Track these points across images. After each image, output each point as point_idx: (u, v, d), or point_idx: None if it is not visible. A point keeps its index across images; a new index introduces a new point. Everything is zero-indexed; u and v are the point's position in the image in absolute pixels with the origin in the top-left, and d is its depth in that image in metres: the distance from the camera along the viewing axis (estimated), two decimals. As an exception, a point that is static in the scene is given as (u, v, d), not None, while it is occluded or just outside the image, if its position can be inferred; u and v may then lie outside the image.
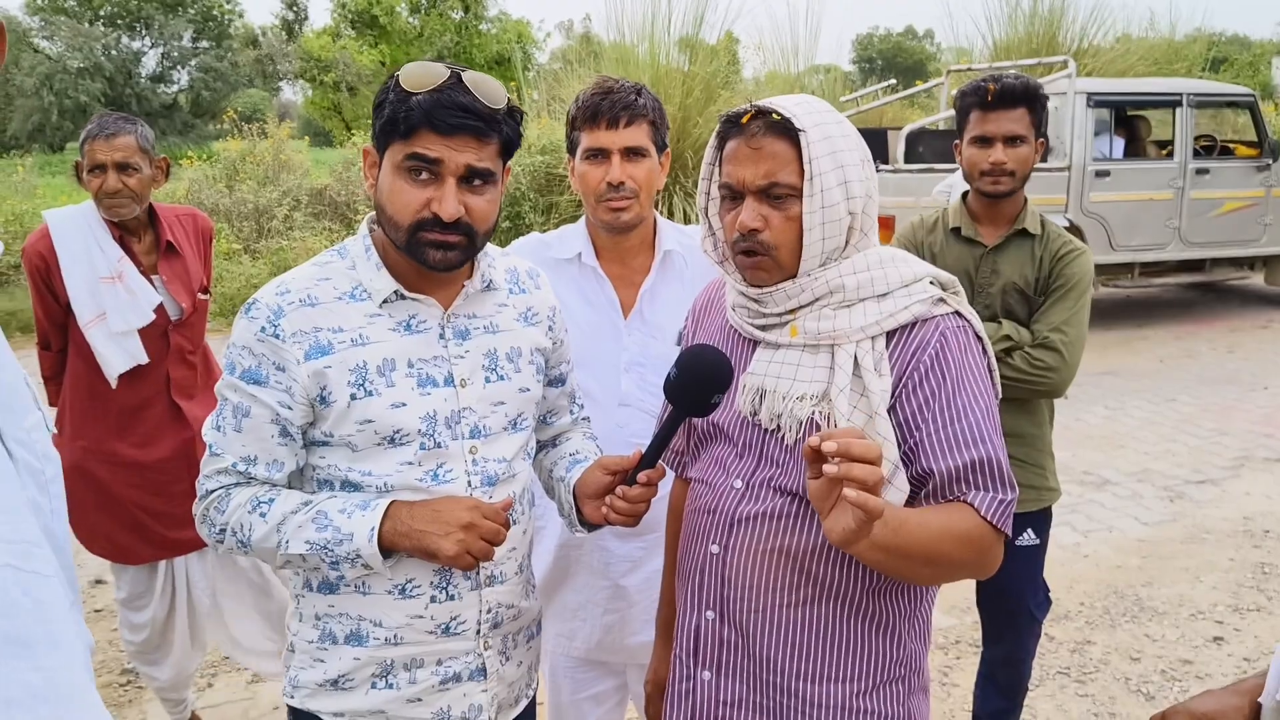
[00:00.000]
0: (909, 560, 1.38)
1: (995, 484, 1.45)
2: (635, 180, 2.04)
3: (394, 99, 1.46)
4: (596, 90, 2.05)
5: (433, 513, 1.49)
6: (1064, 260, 2.58)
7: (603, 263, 2.15)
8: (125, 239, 2.89)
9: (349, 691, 1.59)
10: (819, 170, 1.46)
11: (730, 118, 1.53)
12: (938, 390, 1.46)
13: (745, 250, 1.52)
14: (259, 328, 1.50)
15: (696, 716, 1.64)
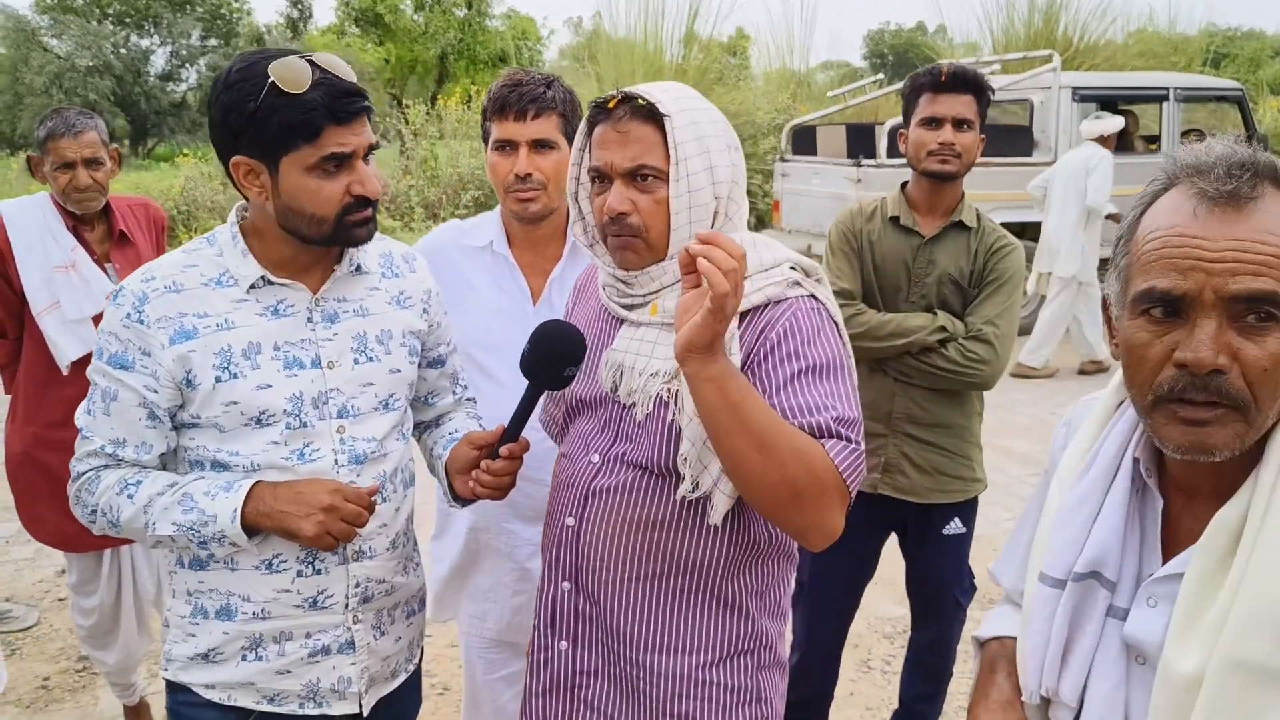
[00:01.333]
0: (742, 427, 1.35)
1: (842, 439, 1.43)
2: (542, 172, 2.08)
3: (280, 104, 1.47)
4: (506, 82, 2.10)
5: (295, 494, 1.54)
6: (998, 254, 2.60)
7: (515, 250, 2.20)
8: (79, 228, 2.96)
9: (220, 664, 1.65)
10: (684, 155, 1.50)
11: (599, 104, 1.57)
12: (783, 364, 1.49)
13: (615, 233, 1.56)
14: (125, 314, 1.55)
15: (554, 685, 1.69)
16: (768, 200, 11.62)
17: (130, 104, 30.18)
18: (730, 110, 12.43)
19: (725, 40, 17.53)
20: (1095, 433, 1.27)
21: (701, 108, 1.57)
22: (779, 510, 1.41)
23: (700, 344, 1.33)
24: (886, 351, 2.59)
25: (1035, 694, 1.23)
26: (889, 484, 2.69)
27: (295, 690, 1.66)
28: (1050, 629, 1.21)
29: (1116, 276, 1.17)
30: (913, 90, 2.65)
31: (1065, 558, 1.21)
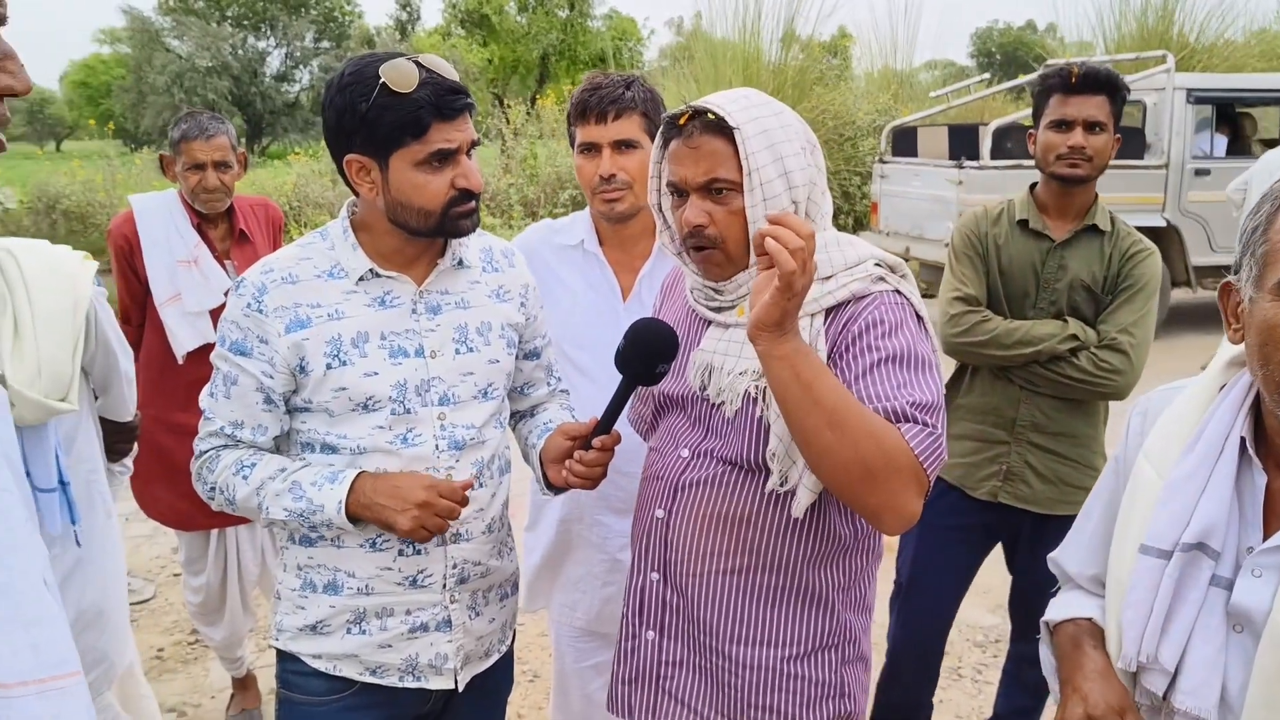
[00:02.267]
0: (815, 405, 1.38)
1: (919, 423, 1.44)
2: (627, 171, 2.12)
3: (390, 103, 1.56)
4: (586, 86, 2.15)
5: (393, 488, 1.62)
6: (1134, 259, 2.51)
7: (605, 249, 2.26)
8: (203, 225, 3.11)
9: (326, 636, 1.74)
10: (757, 164, 1.53)
11: (670, 119, 1.61)
12: (863, 355, 1.51)
13: (695, 246, 1.60)
14: (245, 304, 1.65)
15: (640, 674, 1.73)
16: (865, 202, 11.50)
17: (246, 103, 31.33)
18: (829, 111, 12.34)
19: (826, 40, 17.36)
20: (1196, 415, 1.33)
21: (772, 113, 1.59)
22: (852, 489, 1.42)
23: (770, 321, 1.36)
24: (1013, 360, 2.51)
25: (1133, 660, 1.28)
26: (1010, 492, 2.63)
27: (395, 664, 1.74)
28: (1154, 598, 1.26)
29: (1252, 262, 1.23)
30: (1042, 91, 2.57)
31: (1171, 530, 1.26)
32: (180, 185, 3.08)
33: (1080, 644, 1.39)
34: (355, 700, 1.75)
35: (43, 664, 1.01)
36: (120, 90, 31.97)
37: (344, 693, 1.75)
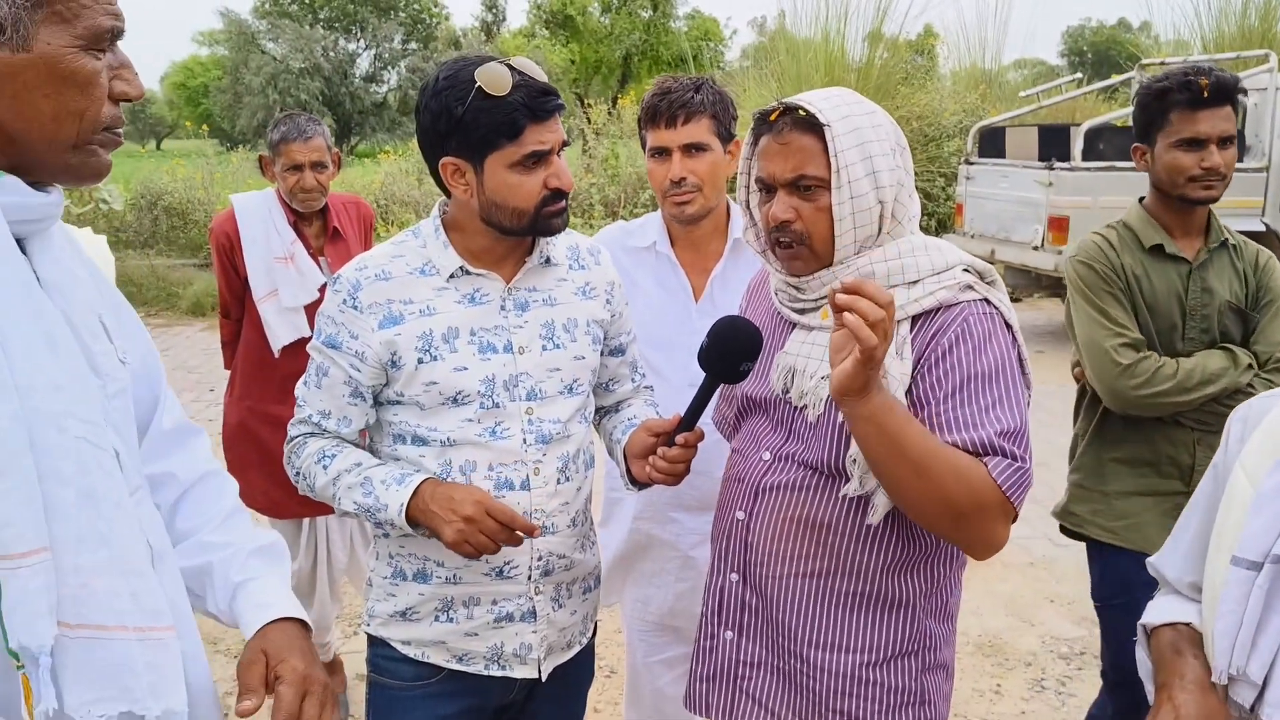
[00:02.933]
0: (901, 457, 1.42)
1: (1007, 456, 1.46)
2: (697, 174, 2.15)
3: (486, 106, 1.60)
4: (656, 91, 2.19)
5: (447, 498, 1.66)
6: (1266, 269, 2.37)
7: (677, 250, 2.29)
8: (299, 223, 3.22)
9: (415, 623, 1.79)
10: (845, 162, 1.54)
11: (761, 115, 1.62)
12: (951, 372, 1.51)
13: (780, 241, 1.61)
14: (341, 299, 1.72)
15: (718, 673, 1.75)
16: (950, 204, 11.31)
17: (336, 104, 32.06)
18: (915, 111, 12.17)
19: (913, 39, 17.11)
20: None
21: (864, 112, 1.59)
22: (940, 527, 1.49)
23: (854, 389, 1.39)
24: (1194, 403, 2.29)
25: (1224, 674, 1.26)
26: None
27: (481, 652, 1.79)
28: (1243, 610, 1.24)
29: None
30: (1159, 105, 2.32)
31: (1262, 541, 1.24)
32: (278, 185, 3.19)
33: (1181, 651, 1.37)
34: (442, 686, 1.80)
35: (143, 612, 1.11)
36: (217, 91, 33.05)
37: (431, 679, 1.80)
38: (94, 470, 1.08)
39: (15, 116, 1.08)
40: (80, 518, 1.06)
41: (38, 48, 1.06)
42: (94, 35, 1.10)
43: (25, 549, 1.01)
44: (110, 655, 1.08)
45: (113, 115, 1.14)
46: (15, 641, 1.01)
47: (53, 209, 1.16)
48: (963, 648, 3.80)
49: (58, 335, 1.09)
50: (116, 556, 1.09)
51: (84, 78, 1.10)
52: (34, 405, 1.04)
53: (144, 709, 1.09)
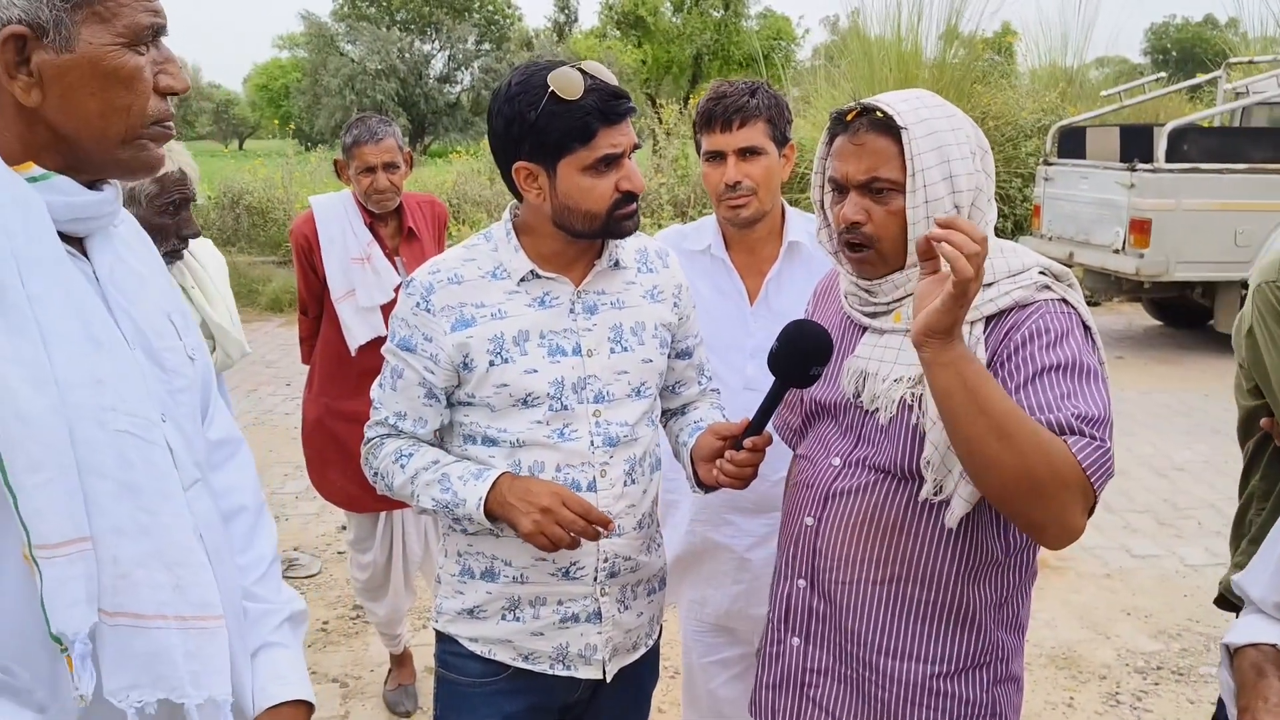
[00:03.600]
0: (980, 413, 1.35)
1: (1087, 436, 1.39)
2: (752, 178, 2.15)
3: (559, 111, 1.61)
4: (711, 95, 2.18)
5: (525, 490, 1.68)
6: None
7: (732, 253, 2.28)
8: (374, 224, 3.28)
9: (482, 620, 1.82)
10: (921, 166, 1.51)
11: (838, 115, 1.61)
12: (1025, 365, 1.47)
13: (850, 243, 1.60)
14: (414, 303, 1.74)
15: (784, 680, 1.74)
16: (1027, 205, 11.08)
17: (411, 104, 32.56)
18: (991, 111, 11.94)
19: (990, 36, 16.79)
20: None
21: (944, 115, 1.57)
22: (1017, 502, 1.39)
23: (940, 328, 1.34)
24: None
25: None
26: None
27: (546, 651, 1.81)
28: None
29: None
30: None
31: None
32: (354, 187, 3.25)
33: (1264, 672, 1.33)
34: (508, 684, 1.82)
35: (187, 602, 1.14)
36: (297, 93, 33.79)
37: (498, 676, 1.82)
38: (137, 463, 1.12)
39: (64, 116, 1.12)
40: (119, 510, 1.10)
41: (80, 48, 1.10)
42: (134, 32, 1.13)
43: (61, 539, 1.05)
44: (148, 644, 1.11)
45: (160, 109, 1.18)
46: (56, 627, 1.05)
47: (106, 206, 1.19)
48: (1035, 659, 3.73)
49: (102, 331, 1.13)
50: (158, 548, 1.12)
51: (127, 74, 1.13)
52: (74, 400, 1.07)
53: (182, 697, 1.13)
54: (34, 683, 1.10)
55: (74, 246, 1.18)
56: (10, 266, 1.05)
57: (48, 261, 1.09)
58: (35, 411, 1.03)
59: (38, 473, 1.04)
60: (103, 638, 1.09)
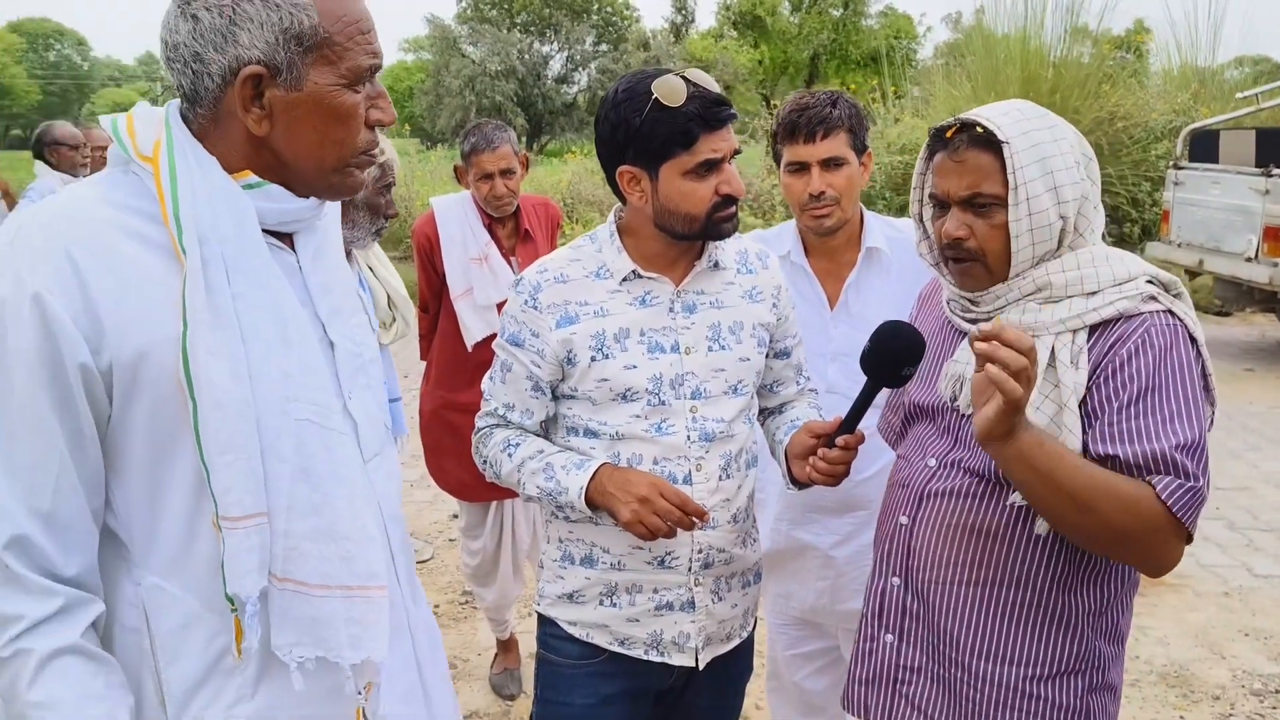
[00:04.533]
0: (1057, 494, 1.41)
1: (1179, 473, 1.42)
2: (835, 188, 2.18)
3: (662, 117, 1.69)
4: (794, 106, 2.21)
5: (624, 480, 1.75)
6: None
7: (811, 259, 2.32)
8: (492, 225, 3.41)
9: (581, 605, 1.89)
10: (1024, 179, 1.52)
11: (937, 132, 1.63)
12: (1129, 384, 1.47)
13: (954, 257, 1.62)
14: (523, 300, 1.83)
15: (877, 676, 1.76)
16: (1156, 210, 10.67)
17: (529, 104, 33.16)
18: (1118, 112, 11.53)
19: (1120, 34, 16.19)
20: None
21: (1045, 126, 1.56)
22: (1108, 552, 1.49)
23: (997, 435, 1.39)
24: None
25: None
26: None
27: (641, 638, 1.87)
28: None
29: None
30: None
31: None
32: (473, 191, 3.38)
33: None
34: (605, 667, 1.90)
35: (352, 574, 1.29)
36: (420, 93, 34.76)
37: (595, 659, 1.90)
38: (314, 449, 1.27)
39: (286, 144, 1.27)
40: (293, 491, 1.24)
41: (308, 87, 1.25)
42: (355, 74, 1.28)
43: (242, 513, 1.20)
44: (310, 609, 1.26)
45: (368, 140, 1.32)
46: (231, 589, 1.20)
47: (309, 213, 1.35)
48: (1145, 676, 3.63)
49: (294, 330, 1.28)
50: (327, 525, 1.27)
51: (345, 111, 1.27)
52: (263, 392, 1.22)
53: (338, 658, 1.27)
54: (219, 627, 1.26)
55: (282, 240, 1.34)
56: (220, 270, 1.21)
57: (253, 265, 1.25)
58: (230, 400, 1.19)
59: (226, 453, 1.18)
60: (271, 600, 1.25)
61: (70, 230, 1.19)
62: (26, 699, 1.15)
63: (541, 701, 1.97)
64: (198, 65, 1.22)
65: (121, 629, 1.26)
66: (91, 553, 1.23)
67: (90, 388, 1.18)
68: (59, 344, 1.15)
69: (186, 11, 1.22)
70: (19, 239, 1.18)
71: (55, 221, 1.20)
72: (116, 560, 1.26)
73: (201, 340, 1.18)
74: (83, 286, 1.16)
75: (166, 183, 1.21)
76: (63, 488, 1.18)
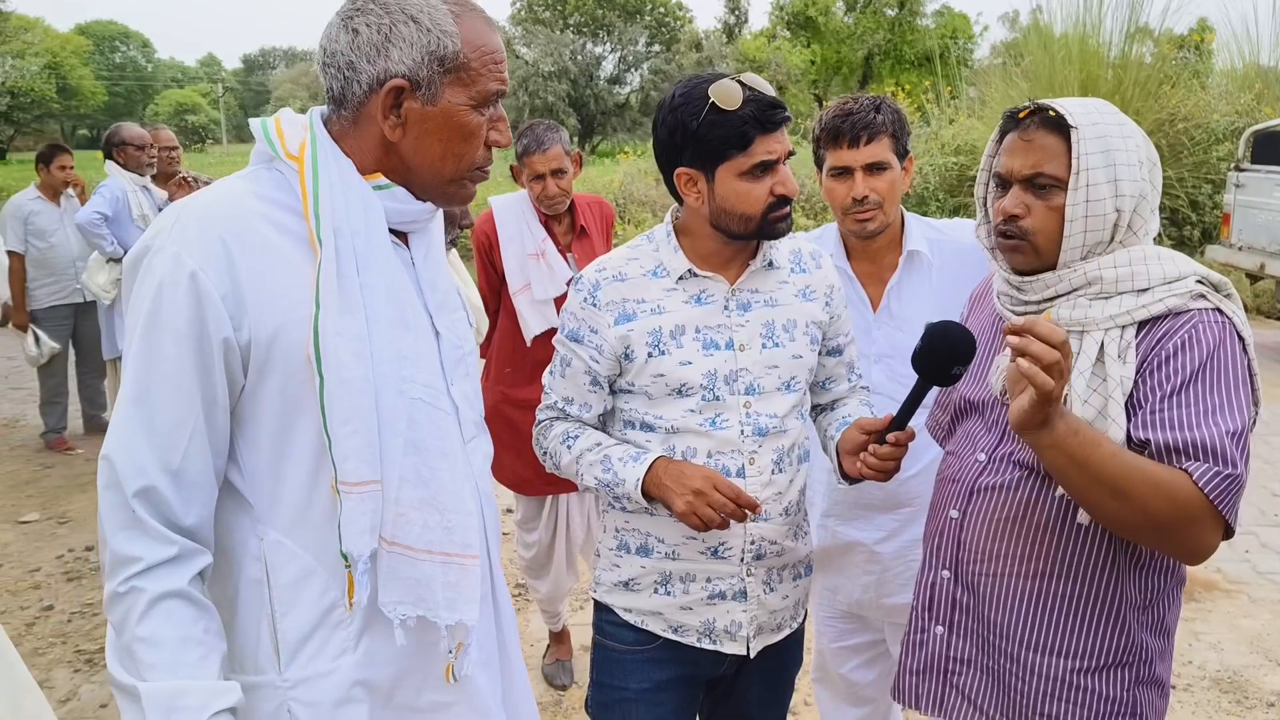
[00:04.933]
0: (1094, 482, 1.44)
1: (1217, 460, 1.44)
2: (878, 192, 2.21)
3: (718, 120, 1.75)
4: (837, 112, 2.24)
5: (679, 473, 1.80)
6: None
7: (853, 262, 2.35)
8: (548, 222, 3.49)
9: (636, 593, 1.95)
10: (1087, 165, 1.56)
11: (1011, 113, 1.67)
12: (1174, 375, 1.50)
13: (1004, 233, 1.66)
14: (582, 298, 1.90)
15: (928, 667, 1.80)
16: (1216, 213, 10.49)
17: (581, 105, 33.33)
18: (1179, 113, 11.35)
19: (1183, 34, 15.90)
20: None
21: (1115, 122, 1.60)
22: (1144, 541, 1.51)
23: (1032, 425, 1.43)
24: None
25: None
26: None
27: (694, 625, 1.93)
28: None
29: None
30: None
31: None
32: (528, 191, 3.46)
33: None
34: (658, 653, 1.95)
35: (453, 542, 1.43)
36: (474, 94, 35.02)
37: (649, 645, 1.96)
38: (423, 425, 1.41)
39: (414, 152, 1.41)
40: (404, 462, 1.38)
41: (441, 104, 1.39)
42: (483, 97, 1.42)
43: (358, 480, 1.33)
44: (414, 572, 1.39)
45: (484, 158, 1.46)
46: (345, 547, 1.33)
47: (426, 214, 1.49)
48: (1198, 682, 3.61)
49: (412, 316, 1.42)
50: (433, 496, 1.40)
51: (470, 130, 1.42)
52: (383, 371, 1.36)
53: (435, 617, 1.41)
54: (330, 583, 1.40)
55: (399, 238, 1.48)
56: (351, 260, 1.34)
57: (379, 258, 1.38)
58: (353, 378, 1.32)
59: (348, 425, 1.32)
60: (380, 561, 1.38)
61: (223, 218, 1.33)
62: (134, 632, 1.27)
63: (597, 685, 2.03)
64: (350, 72, 1.38)
65: (245, 580, 1.40)
66: (209, 509, 1.36)
67: (229, 360, 1.32)
68: (207, 319, 1.29)
69: (349, 25, 1.38)
70: (179, 224, 1.32)
71: (210, 210, 1.34)
72: (242, 517, 1.40)
73: (331, 322, 1.31)
74: (231, 269, 1.30)
75: (310, 180, 1.35)
76: (193, 448, 1.32)
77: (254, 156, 1.45)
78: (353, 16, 1.37)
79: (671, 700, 1.97)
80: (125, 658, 1.28)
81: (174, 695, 1.26)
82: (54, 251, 6.37)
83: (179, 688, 1.26)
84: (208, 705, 1.27)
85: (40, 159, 6.58)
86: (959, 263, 1.86)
